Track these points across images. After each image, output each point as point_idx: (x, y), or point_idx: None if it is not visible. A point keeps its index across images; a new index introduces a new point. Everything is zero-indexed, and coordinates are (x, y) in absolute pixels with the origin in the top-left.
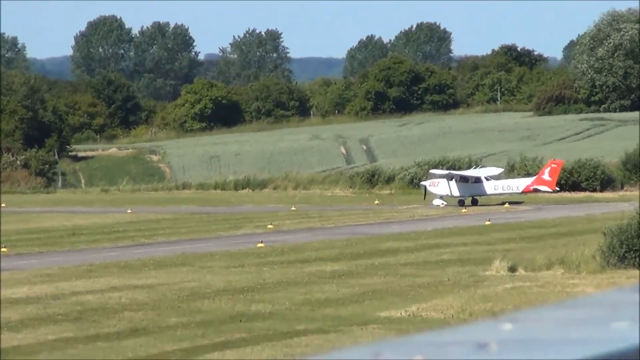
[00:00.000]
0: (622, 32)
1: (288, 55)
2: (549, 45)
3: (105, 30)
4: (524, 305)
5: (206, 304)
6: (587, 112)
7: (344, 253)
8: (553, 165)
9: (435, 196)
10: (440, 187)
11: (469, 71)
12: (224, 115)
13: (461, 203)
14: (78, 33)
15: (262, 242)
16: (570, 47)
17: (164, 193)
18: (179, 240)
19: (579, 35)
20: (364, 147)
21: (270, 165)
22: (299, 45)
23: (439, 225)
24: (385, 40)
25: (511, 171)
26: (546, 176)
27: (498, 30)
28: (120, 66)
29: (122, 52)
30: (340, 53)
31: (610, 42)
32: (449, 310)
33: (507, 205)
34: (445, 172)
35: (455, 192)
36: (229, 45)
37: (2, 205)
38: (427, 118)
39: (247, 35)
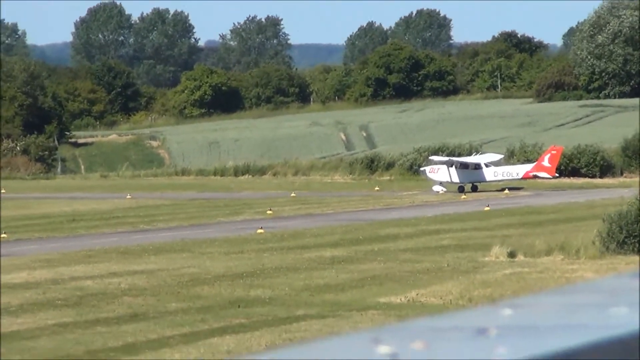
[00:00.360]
0: (621, 19)
1: (288, 41)
2: (549, 32)
3: (105, 16)
4: (524, 291)
5: (206, 290)
6: (586, 99)
7: (344, 239)
8: (553, 151)
9: (435, 182)
10: (440, 173)
11: (468, 58)
12: (224, 101)
13: (461, 189)
14: (78, 19)
15: (261, 228)
16: (570, 34)
17: (163, 179)
18: (179, 226)
19: (578, 22)
20: (364, 134)
21: (270, 152)
22: (299, 31)
23: (438, 212)
24: (385, 26)
25: (511, 157)
26: (546, 162)
27: (498, 16)
28: (120, 52)
29: (122, 38)
30: (340, 39)
31: (610, 29)
32: (449, 296)
33: (506, 191)
34: (445, 158)
35: (455, 179)
36: (229, 32)
37: (2, 191)
38: (427, 104)
39: (247, 21)
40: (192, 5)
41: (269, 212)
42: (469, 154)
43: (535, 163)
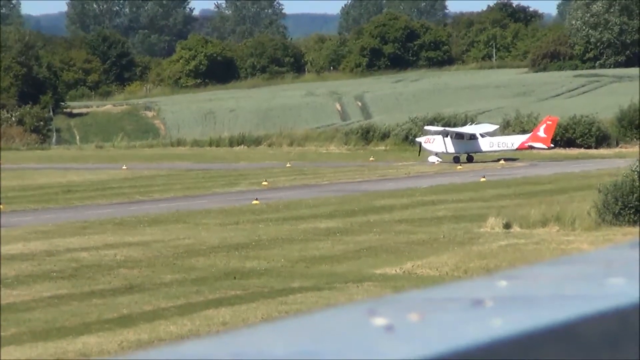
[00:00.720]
0: None
1: (283, 11)
2: (544, 1)
3: None
4: (519, 262)
5: (201, 261)
6: (582, 69)
7: (339, 210)
8: (548, 122)
9: (430, 153)
10: (436, 144)
11: (464, 28)
12: (219, 71)
13: (456, 160)
14: None
15: (257, 199)
16: (565, 4)
17: (158, 149)
18: (174, 197)
19: None
20: (359, 104)
21: (265, 122)
22: (294, 1)
23: (434, 182)
24: None
25: (506, 128)
26: (541, 133)
27: None
28: (114, 22)
29: (117, 8)
30: (335, 9)
31: None
32: (444, 267)
33: (502, 162)
34: (441, 128)
35: (451, 149)
36: (224, 1)
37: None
38: (422, 74)
39: None
40: None
41: (264, 183)
42: (464, 124)
43: (530, 133)
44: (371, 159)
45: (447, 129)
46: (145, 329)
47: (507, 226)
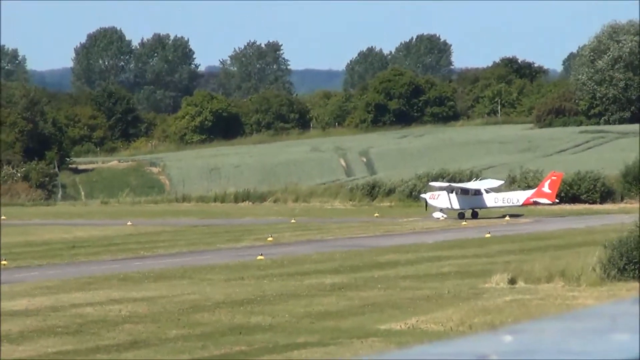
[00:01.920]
0: (621, 44)
1: (288, 67)
2: (549, 57)
3: (105, 42)
4: (524, 317)
5: (206, 317)
6: (587, 124)
7: (344, 265)
8: (553, 177)
9: (435, 209)
10: (440, 199)
11: (469, 83)
12: (224, 127)
13: (461, 216)
14: (78, 45)
15: (262, 254)
16: (570, 60)
17: (164, 205)
18: (179, 253)
19: (579, 47)
20: (364, 160)
21: (270, 178)
22: (299, 57)
23: (439, 238)
24: (386, 52)
25: (511, 183)
26: (546, 188)
27: (498, 42)
28: (120, 78)
29: (122, 64)
30: (340, 65)
31: (610, 55)
32: (449, 323)
33: (507, 217)
34: (446, 184)
35: (456, 205)
36: (229, 58)
37: (2, 217)
38: (428, 130)
39: (247, 47)
40: (192, 31)
41: (269, 238)
42: (469, 180)
43: (535, 189)
44: (376, 214)
45: (452, 184)
46: None
47: (512, 282)
